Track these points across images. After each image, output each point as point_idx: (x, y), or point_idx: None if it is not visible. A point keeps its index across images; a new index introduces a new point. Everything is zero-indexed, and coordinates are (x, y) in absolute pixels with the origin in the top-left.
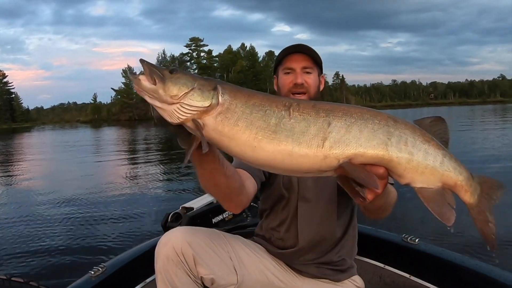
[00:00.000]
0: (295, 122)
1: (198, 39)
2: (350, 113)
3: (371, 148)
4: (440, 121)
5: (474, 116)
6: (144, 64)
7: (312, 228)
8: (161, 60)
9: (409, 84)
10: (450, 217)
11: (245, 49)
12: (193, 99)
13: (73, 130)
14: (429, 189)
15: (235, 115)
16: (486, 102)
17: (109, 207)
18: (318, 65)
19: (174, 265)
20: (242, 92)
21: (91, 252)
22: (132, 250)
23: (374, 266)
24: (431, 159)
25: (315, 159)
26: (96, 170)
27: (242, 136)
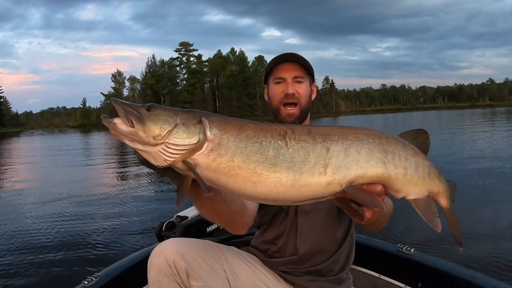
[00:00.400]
0: (293, 152)
1: (187, 43)
2: (345, 135)
3: (371, 168)
4: (422, 132)
5: (464, 120)
6: (117, 105)
7: (312, 240)
8: (150, 65)
9: (398, 89)
10: (438, 224)
11: (234, 53)
12: (179, 137)
13: (62, 135)
14: (420, 199)
15: (229, 150)
16: (475, 106)
17: (102, 215)
18: (309, 74)
19: (167, 276)
20: (231, 124)
21: (84, 261)
22: (126, 259)
23: (369, 276)
24: (421, 171)
25: (318, 187)
26: (87, 177)
27: (241, 172)
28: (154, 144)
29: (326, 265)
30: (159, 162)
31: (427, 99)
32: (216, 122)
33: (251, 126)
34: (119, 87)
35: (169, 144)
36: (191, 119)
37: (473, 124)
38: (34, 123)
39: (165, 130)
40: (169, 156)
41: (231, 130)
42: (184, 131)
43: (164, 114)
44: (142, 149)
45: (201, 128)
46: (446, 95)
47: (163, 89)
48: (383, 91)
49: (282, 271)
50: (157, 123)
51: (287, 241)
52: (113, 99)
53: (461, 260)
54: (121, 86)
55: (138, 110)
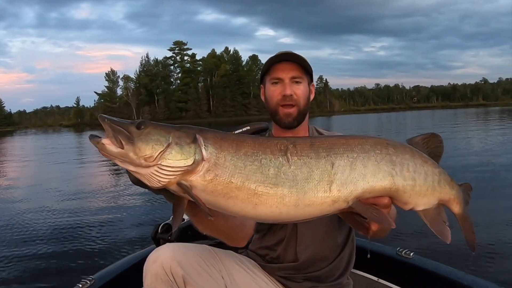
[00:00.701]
0: (296, 169)
1: (181, 42)
2: (351, 146)
3: (378, 182)
4: (434, 137)
5: (457, 119)
6: (105, 124)
7: (312, 247)
8: (144, 64)
9: (392, 88)
10: (447, 234)
11: (228, 53)
12: (172, 159)
13: (56, 134)
14: (429, 209)
15: (226, 170)
16: (469, 105)
17: (96, 215)
18: (308, 73)
19: (163, 283)
20: (228, 140)
21: (78, 263)
22: (121, 261)
23: (367, 279)
24: (431, 180)
25: (323, 206)
26: (81, 177)
27: (240, 194)
28: (146, 166)
29: (327, 271)
30: (153, 184)
31: (421, 99)
32: (211, 139)
33: (249, 142)
34: (113, 86)
35: (162, 166)
36: (185, 138)
37: (466, 124)
38: (28, 122)
39: (157, 151)
40: (162, 178)
41: (227, 147)
42: (178, 152)
43: (156, 132)
44: (134, 171)
45: (196, 148)
46: (440, 95)
47: (157, 88)
48: (377, 90)
49: (281, 277)
50: (148, 143)
51: (286, 248)
52: (100, 117)
53: (462, 265)
54: (115, 85)
55: (127, 128)
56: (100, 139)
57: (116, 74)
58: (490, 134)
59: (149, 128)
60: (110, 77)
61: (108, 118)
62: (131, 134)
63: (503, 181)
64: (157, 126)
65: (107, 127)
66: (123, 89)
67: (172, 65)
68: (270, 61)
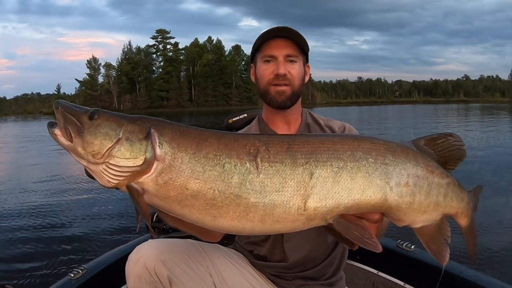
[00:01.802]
0: (265, 178)
1: (164, 31)
2: (338, 153)
3: (366, 198)
4: (450, 138)
5: (439, 115)
6: (57, 112)
7: (301, 245)
8: (126, 51)
9: (374, 82)
10: (446, 255)
11: (211, 42)
12: (120, 157)
13: (36, 122)
14: (428, 226)
15: (182, 174)
16: (450, 101)
17: (88, 205)
18: (304, 53)
19: (147, 285)
20: (188, 138)
21: (70, 253)
22: (113, 251)
23: (367, 272)
24: (435, 194)
25: (296, 223)
26: (68, 165)
27: (196, 203)
28: (95, 163)
29: (319, 269)
30: (104, 183)
31: (402, 93)
32: (168, 135)
33: (213, 142)
34: (94, 73)
35: (109, 165)
36: (137, 133)
37: (447, 119)
38: (8, 110)
39: (105, 146)
40: (111, 178)
41: (186, 147)
42: (127, 149)
43: (106, 125)
44: (86, 166)
45: (149, 145)
46: (421, 90)
47: (139, 76)
48: (359, 83)
49: (271, 274)
50: (97, 137)
51: (273, 246)
52: (55, 103)
53: (463, 259)
54: (96, 73)
55: (79, 118)
56: (54, 128)
57: (98, 62)
58: (471, 129)
59: (100, 119)
60: (92, 65)
61: (63, 105)
62: (82, 125)
63: (481, 176)
64: (109, 117)
65: (59, 115)
66: (104, 76)
67: (155, 53)
68: (263, 36)
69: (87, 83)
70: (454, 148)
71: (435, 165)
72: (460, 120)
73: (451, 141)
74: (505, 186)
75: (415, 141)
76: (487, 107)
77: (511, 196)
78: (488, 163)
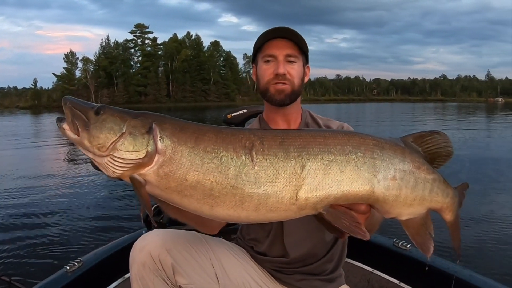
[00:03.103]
0: (260, 170)
1: (143, 25)
2: (328, 147)
3: (354, 190)
4: (434, 135)
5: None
6: (66, 107)
7: (301, 240)
8: (104, 46)
9: (353, 80)
10: (430, 247)
11: (190, 38)
12: (124, 150)
13: (13, 117)
14: (414, 219)
15: (182, 167)
16: (427, 100)
17: (84, 198)
18: (304, 53)
19: (151, 272)
20: (187, 133)
21: (65, 246)
22: (110, 244)
23: (362, 270)
24: (421, 189)
25: (288, 212)
26: (63, 159)
27: (195, 194)
28: (100, 156)
29: (318, 265)
30: (109, 173)
31: (380, 91)
32: (169, 130)
33: (211, 137)
34: (72, 68)
35: (114, 157)
36: (139, 127)
37: (424, 117)
38: None
39: (109, 140)
40: (116, 169)
41: (186, 141)
42: (130, 143)
43: (111, 120)
44: (92, 158)
45: (150, 139)
46: (399, 88)
47: (117, 71)
48: (337, 81)
49: (272, 269)
50: (102, 131)
51: (273, 242)
52: (64, 99)
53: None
54: (74, 67)
55: (86, 113)
56: (62, 123)
57: (75, 56)
58: (447, 128)
59: (105, 115)
60: (69, 59)
61: (71, 101)
62: (89, 120)
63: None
64: (114, 113)
65: (67, 111)
66: (82, 71)
67: (133, 48)
68: (263, 37)
69: (64, 77)
70: (441, 146)
71: (421, 161)
72: (438, 118)
73: (438, 139)
74: (479, 179)
75: (403, 138)
76: (464, 106)
77: (489, 190)
78: (464, 160)
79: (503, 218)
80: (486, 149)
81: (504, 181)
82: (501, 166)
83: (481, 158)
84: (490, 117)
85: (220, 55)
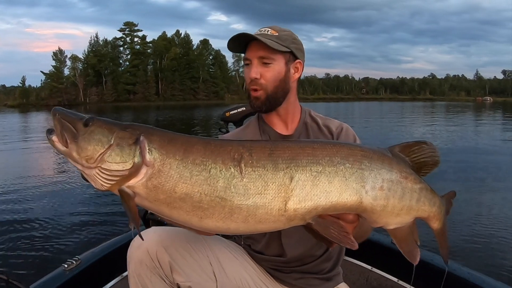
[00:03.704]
0: (248, 182)
1: (132, 23)
2: (317, 158)
3: (342, 200)
4: (421, 145)
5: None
6: (55, 119)
7: (300, 242)
8: (93, 44)
9: (342, 79)
10: (416, 255)
11: (179, 36)
12: (111, 161)
13: (1, 115)
14: (401, 228)
15: (170, 180)
16: (416, 99)
17: (82, 196)
18: (284, 51)
19: (148, 270)
20: (175, 145)
21: (63, 244)
22: (108, 243)
23: (360, 268)
24: (408, 199)
25: (277, 224)
26: (60, 156)
27: (184, 206)
28: (88, 168)
29: (316, 264)
30: (97, 186)
31: (369, 90)
32: (157, 142)
33: (199, 149)
34: (60, 65)
35: (102, 169)
36: (127, 139)
37: (413, 116)
38: None
39: (97, 152)
40: (104, 181)
41: (174, 153)
42: (117, 154)
43: (99, 132)
44: (81, 170)
45: (137, 150)
46: (388, 87)
47: (105, 69)
48: (326, 80)
49: (269, 267)
50: (90, 143)
51: (270, 240)
52: (53, 110)
53: (456, 257)
54: (62, 65)
55: (75, 125)
56: (51, 135)
57: (64, 54)
58: (436, 126)
59: (94, 126)
60: (58, 57)
61: (60, 112)
62: (77, 132)
63: None
64: (102, 124)
65: (56, 122)
66: (70, 69)
67: (122, 46)
68: (232, 43)
69: (52, 75)
70: (428, 155)
71: (409, 171)
72: (426, 116)
73: (424, 149)
74: (466, 178)
75: (390, 148)
76: (453, 105)
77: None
78: (450, 160)
79: (493, 217)
80: (474, 147)
81: (491, 180)
82: (487, 164)
83: (468, 156)
84: (478, 116)
85: (209, 54)
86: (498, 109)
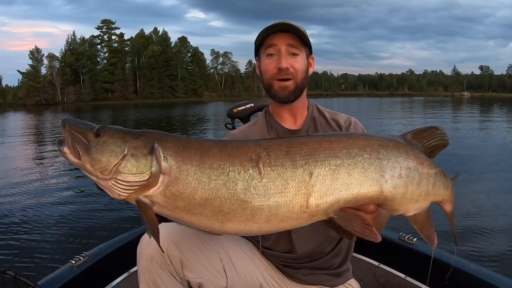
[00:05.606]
0: (268, 182)
1: (110, 21)
2: (335, 152)
3: (363, 192)
4: (433, 130)
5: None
6: (65, 131)
7: (310, 238)
8: (71, 42)
9: (321, 75)
10: (435, 238)
11: (157, 33)
12: (127, 172)
13: None
14: (420, 213)
15: (188, 186)
16: (394, 94)
17: (90, 193)
18: (306, 45)
19: (159, 266)
20: (191, 150)
21: (70, 241)
22: (115, 239)
23: (368, 264)
24: (425, 184)
25: (300, 220)
26: None
27: (205, 211)
28: (103, 179)
29: (326, 259)
30: (115, 196)
31: (348, 87)
32: (172, 149)
33: (215, 152)
34: (37, 64)
35: (117, 180)
36: (141, 148)
37: (391, 112)
38: None
39: (112, 163)
40: (121, 192)
41: (190, 159)
42: (133, 165)
43: (111, 142)
44: (96, 181)
45: (153, 159)
46: (366, 83)
47: (83, 68)
48: None
49: (279, 263)
50: (104, 154)
51: (280, 236)
52: (62, 121)
53: (465, 251)
54: (39, 64)
55: (86, 136)
56: (63, 147)
57: (41, 52)
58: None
59: (106, 136)
60: (35, 55)
61: (70, 123)
62: (89, 143)
63: None
64: (114, 134)
65: (66, 134)
66: (47, 68)
67: (99, 44)
68: (265, 32)
69: (29, 74)
70: (439, 139)
71: (424, 157)
72: (404, 112)
73: (436, 133)
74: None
75: (403, 135)
76: (430, 100)
77: None
78: None
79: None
80: (455, 141)
81: (472, 171)
82: (471, 157)
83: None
84: (457, 111)
85: (188, 51)
86: (476, 103)
